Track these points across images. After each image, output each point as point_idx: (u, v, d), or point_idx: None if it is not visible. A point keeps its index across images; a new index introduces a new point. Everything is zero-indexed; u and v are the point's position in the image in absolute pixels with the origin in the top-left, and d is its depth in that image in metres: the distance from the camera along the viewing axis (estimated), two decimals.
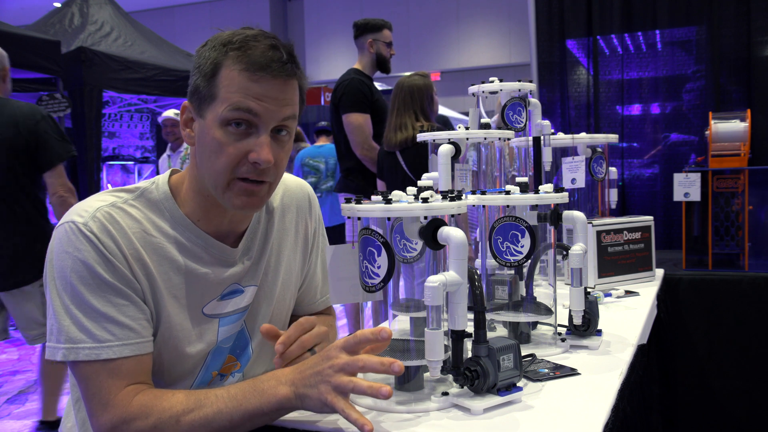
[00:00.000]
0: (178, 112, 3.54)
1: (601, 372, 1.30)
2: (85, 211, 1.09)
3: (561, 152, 2.22)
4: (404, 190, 1.19)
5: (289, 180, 1.38)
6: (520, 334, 1.46)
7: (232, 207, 1.13)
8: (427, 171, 1.79)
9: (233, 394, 1.04)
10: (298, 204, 1.36)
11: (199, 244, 1.17)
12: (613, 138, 2.29)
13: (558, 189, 1.38)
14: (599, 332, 1.50)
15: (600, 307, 1.63)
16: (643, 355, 1.58)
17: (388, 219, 1.12)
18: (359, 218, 1.13)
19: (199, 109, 1.11)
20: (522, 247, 1.32)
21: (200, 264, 1.17)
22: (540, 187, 1.38)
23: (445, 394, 1.13)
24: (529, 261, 1.34)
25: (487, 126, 1.74)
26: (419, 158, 3.09)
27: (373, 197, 1.13)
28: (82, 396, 1.06)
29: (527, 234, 1.31)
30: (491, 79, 1.85)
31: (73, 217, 1.08)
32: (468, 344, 1.12)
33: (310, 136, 6.74)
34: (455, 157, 1.63)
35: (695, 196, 2.54)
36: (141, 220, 1.12)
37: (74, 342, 1.04)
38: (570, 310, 1.44)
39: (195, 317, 1.18)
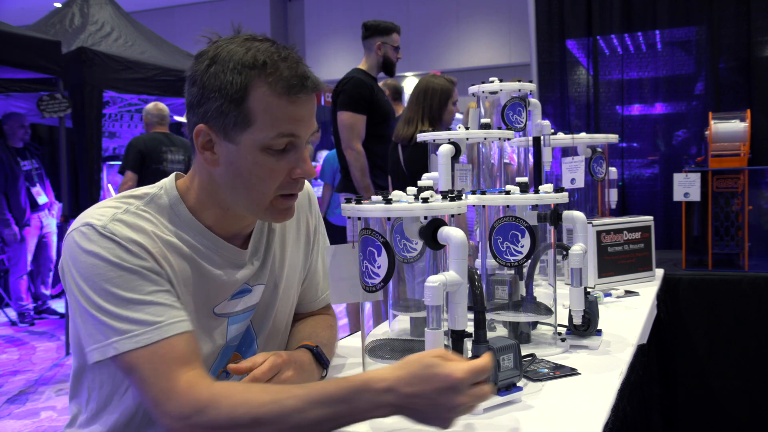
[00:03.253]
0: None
1: (601, 372, 1.30)
2: (101, 215, 1.08)
3: (561, 152, 2.22)
4: (405, 188, 1.19)
5: None
6: (520, 334, 1.46)
7: (270, 221, 1.15)
8: (424, 172, 1.79)
9: (315, 397, 0.95)
10: (299, 201, 1.36)
11: (210, 247, 1.17)
12: (613, 138, 2.29)
13: (558, 189, 1.38)
14: (599, 332, 1.50)
15: (600, 307, 1.63)
16: (643, 354, 1.58)
17: (388, 219, 1.13)
18: (359, 218, 1.14)
19: (225, 132, 1.08)
20: (522, 247, 1.32)
21: (213, 266, 1.17)
22: (540, 187, 1.38)
23: None
24: (529, 261, 1.34)
25: (487, 126, 1.74)
26: (417, 159, 3.09)
27: (373, 197, 1.13)
28: (139, 388, 1.01)
29: (527, 234, 1.31)
30: (491, 79, 1.85)
31: (88, 221, 1.07)
32: (468, 344, 1.12)
33: None
34: (455, 157, 1.63)
35: (695, 196, 2.54)
36: (155, 224, 1.13)
37: (121, 333, 1.00)
38: (570, 310, 1.44)
39: (206, 316, 1.18)
